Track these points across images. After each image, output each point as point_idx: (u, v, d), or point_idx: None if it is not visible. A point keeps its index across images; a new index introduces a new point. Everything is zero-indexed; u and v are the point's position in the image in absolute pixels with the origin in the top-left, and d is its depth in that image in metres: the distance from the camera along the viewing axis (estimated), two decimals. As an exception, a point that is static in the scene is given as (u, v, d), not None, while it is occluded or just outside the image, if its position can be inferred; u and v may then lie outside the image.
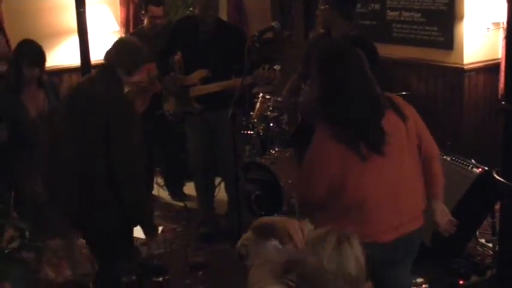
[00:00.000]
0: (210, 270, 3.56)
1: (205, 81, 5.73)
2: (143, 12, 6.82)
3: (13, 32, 6.57)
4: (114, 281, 3.61)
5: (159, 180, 7.33)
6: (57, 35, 6.94)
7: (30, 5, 6.94)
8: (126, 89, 4.53)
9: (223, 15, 7.35)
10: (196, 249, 5.80)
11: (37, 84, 5.25)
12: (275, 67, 5.38)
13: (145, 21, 6.71)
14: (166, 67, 5.96)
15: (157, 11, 6.54)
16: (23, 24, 6.72)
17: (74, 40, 6.70)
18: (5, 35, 6.62)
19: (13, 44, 6.42)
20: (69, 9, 6.70)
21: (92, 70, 6.46)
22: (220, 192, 6.38)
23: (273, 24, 5.32)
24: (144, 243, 4.08)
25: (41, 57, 5.20)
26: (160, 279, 3.52)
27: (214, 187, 6.32)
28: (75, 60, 6.56)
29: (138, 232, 6.20)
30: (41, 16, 6.95)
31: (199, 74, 5.74)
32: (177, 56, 6.02)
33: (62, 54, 7.17)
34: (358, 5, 6.92)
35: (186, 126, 6.12)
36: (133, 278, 3.39)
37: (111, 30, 7.42)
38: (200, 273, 3.48)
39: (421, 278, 4.83)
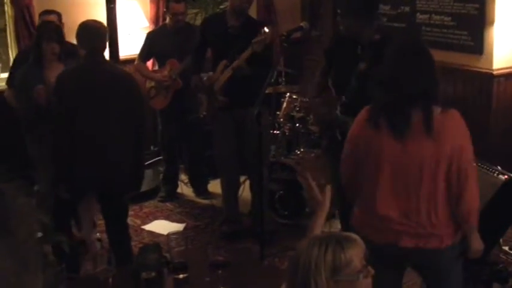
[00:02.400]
0: (230, 268, 3.55)
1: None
2: (165, 10, 6.89)
3: (44, 26, 6.62)
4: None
5: (184, 177, 7.35)
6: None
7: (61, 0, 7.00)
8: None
9: (253, 15, 7.35)
10: (217, 247, 5.80)
11: (58, 59, 5.40)
12: (266, 28, 5.49)
13: (168, 19, 6.77)
14: (199, 66, 6.00)
15: (178, 7, 6.60)
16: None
17: (104, 35, 6.75)
18: (35, 29, 6.67)
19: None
20: (100, 5, 6.76)
21: (121, 65, 6.56)
22: (245, 191, 6.38)
23: (301, 24, 5.34)
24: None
25: (57, 33, 5.40)
26: (181, 276, 3.53)
27: (239, 185, 6.32)
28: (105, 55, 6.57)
29: (158, 227, 6.26)
30: (72, 11, 6.97)
31: (220, 66, 5.77)
32: (208, 54, 6.06)
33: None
34: (387, 7, 6.90)
35: (216, 123, 6.13)
36: (153, 274, 3.39)
37: (141, 26, 7.46)
38: (220, 271, 3.47)
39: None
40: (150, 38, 6.86)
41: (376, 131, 3.50)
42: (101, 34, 4.81)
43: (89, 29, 4.80)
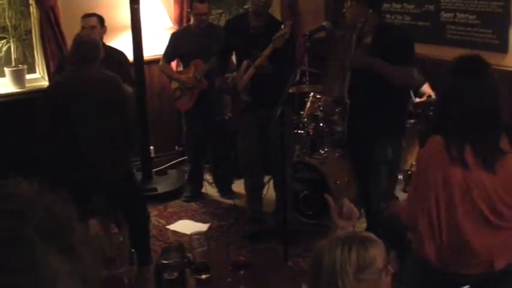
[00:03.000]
0: (252, 268, 3.56)
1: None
2: (189, 10, 6.93)
3: (69, 28, 6.67)
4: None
5: (208, 177, 7.37)
6: (112, 30, 6.99)
7: (86, 0, 7.04)
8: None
9: (277, 15, 7.35)
10: (241, 247, 5.82)
11: None
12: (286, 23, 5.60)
13: (192, 20, 6.81)
14: (224, 68, 6.02)
15: (202, 7, 6.63)
16: (79, 19, 6.82)
17: (128, 36, 6.78)
18: (60, 30, 6.73)
19: (68, 37, 6.53)
20: (124, 6, 6.80)
21: (145, 65, 6.60)
22: (269, 191, 6.38)
23: (324, 23, 5.34)
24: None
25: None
26: (203, 277, 3.54)
27: (263, 185, 6.33)
28: (129, 56, 6.62)
29: (183, 227, 6.28)
30: (96, 11, 7.02)
31: (242, 66, 5.78)
32: (233, 57, 6.09)
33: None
34: (411, 6, 6.87)
35: (239, 124, 6.14)
36: (175, 274, 3.40)
37: (165, 26, 7.48)
38: (242, 271, 3.47)
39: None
40: (174, 38, 6.89)
41: (463, 167, 3.27)
42: (86, 45, 5.04)
43: (76, 39, 5.13)
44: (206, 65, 6.62)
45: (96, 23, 6.20)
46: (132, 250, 3.58)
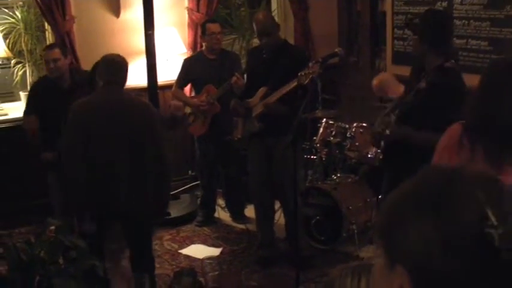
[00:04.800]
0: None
1: (265, 99, 5.82)
2: (200, 35, 7.00)
3: (84, 52, 6.74)
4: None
5: (221, 201, 7.38)
6: (126, 55, 7.00)
7: (101, 26, 7.12)
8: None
9: (290, 40, 7.39)
10: (253, 272, 5.81)
11: None
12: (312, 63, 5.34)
13: (204, 46, 6.88)
14: (244, 93, 6.03)
15: (214, 27, 6.74)
16: (94, 44, 6.89)
17: (142, 61, 6.84)
18: (73, 53, 6.78)
19: (83, 62, 6.60)
20: (138, 31, 6.85)
21: (159, 91, 6.64)
22: (280, 216, 6.39)
23: (336, 50, 5.36)
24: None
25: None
26: (214, 300, 3.55)
27: (273, 211, 6.33)
28: (143, 81, 6.67)
29: (195, 252, 6.29)
30: (111, 37, 7.10)
31: (260, 92, 5.82)
32: (235, 78, 6.10)
33: (130, 74, 7.28)
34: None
35: (249, 149, 6.18)
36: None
37: (179, 52, 7.53)
38: (253, 296, 3.49)
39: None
40: (187, 64, 6.94)
41: (471, 154, 3.23)
42: (116, 67, 4.92)
43: (106, 61, 4.95)
44: (218, 90, 6.66)
45: (59, 55, 5.92)
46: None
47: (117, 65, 4.92)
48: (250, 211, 7.04)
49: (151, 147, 4.82)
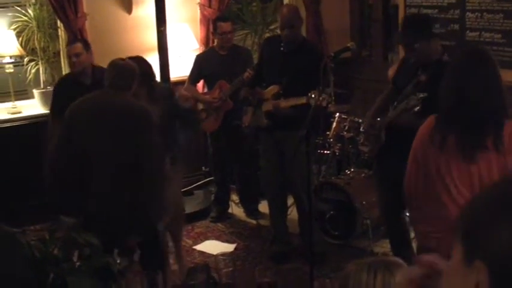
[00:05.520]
0: (277, 289, 3.56)
1: (276, 97, 5.81)
2: (212, 32, 6.98)
3: (96, 49, 6.74)
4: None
5: (234, 197, 7.38)
6: (139, 52, 7.03)
7: (113, 23, 7.12)
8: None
9: (303, 34, 7.37)
10: (266, 267, 5.81)
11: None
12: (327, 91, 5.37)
13: (216, 42, 6.87)
14: (255, 82, 6.07)
15: (225, 26, 6.71)
16: (106, 41, 6.90)
17: (155, 57, 6.83)
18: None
19: (95, 59, 6.60)
20: (151, 28, 6.86)
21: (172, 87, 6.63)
22: (294, 211, 6.38)
23: (348, 44, 5.34)
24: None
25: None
26: (228, 297, 3.55)
27: (286, 206, 6.33)
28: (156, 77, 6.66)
29: (210, 247, 6.30)
30: (123, 34, 7.10)
31: (272, 89, 5.83)
32: (247, 73, 6.11)
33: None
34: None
35: (259, 145, 6.18)
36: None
37: (191, 48, 7.53)
38: (267, 292, 3.48)
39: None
40: (199, 60, 6.94)
41: (442, 151, 3.44)
42: (120, 71, 4.83)
43: (112, 65, 4.91)
44: (231, 85, 6.66)
45: (81, 49, 5.94)
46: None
47: (120, 70, 4.85)
48: (264, 206, 7.03)
49: (139, 153, 4.54)
